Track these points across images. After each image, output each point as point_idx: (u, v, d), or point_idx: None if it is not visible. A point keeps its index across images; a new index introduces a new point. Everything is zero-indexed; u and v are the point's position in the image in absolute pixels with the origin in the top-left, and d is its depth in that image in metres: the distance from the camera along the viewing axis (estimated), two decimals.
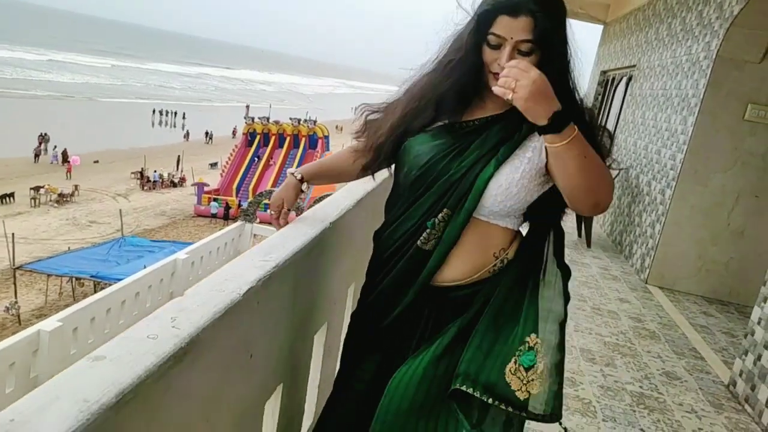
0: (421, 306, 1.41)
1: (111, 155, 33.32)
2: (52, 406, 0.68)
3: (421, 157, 1.37)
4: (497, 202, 1.33)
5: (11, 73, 56.75)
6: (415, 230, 1.37)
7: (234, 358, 1.12)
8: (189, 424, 0.97)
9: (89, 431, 0.67)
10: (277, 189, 1.56)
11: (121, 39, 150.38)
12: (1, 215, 21.24)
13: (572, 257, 5.86)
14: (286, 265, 1.31)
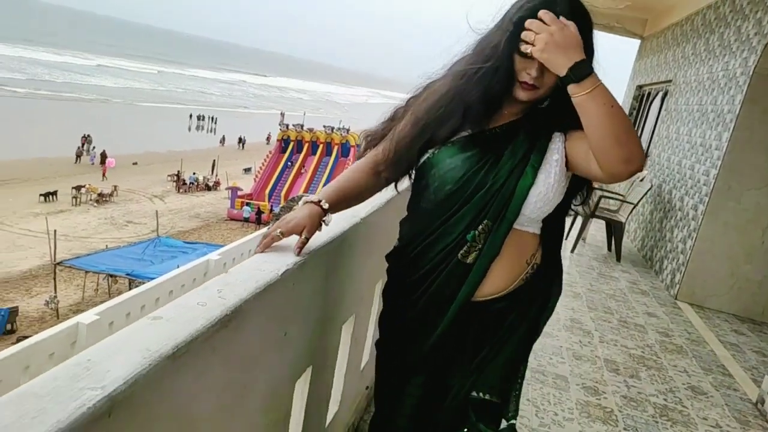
0: (464, 322, 1.42)
1: (149, 158, 34.22)
2: (120, 352, 0.79)
3: (456, 171, 1.35)
4: (536, 209, 1.35)
5: (58, 77, 58.87)
6: (456, 244, 1.35)
7: (271, 332, 1.22)
8: (230, 386, 1.07)
9: (149, 375, 0.78)
10: (292, 215, 1.36)
11: (163, 45, 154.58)
12: (45, 212, 22.05)
13: (601, 270, 5.84)
14: (319, 254, 1.41)
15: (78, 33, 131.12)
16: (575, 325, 4.15)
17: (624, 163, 1.22)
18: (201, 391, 0.95)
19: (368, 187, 1.51)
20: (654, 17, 9.80)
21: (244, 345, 1.09)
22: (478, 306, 1.41)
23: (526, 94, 1.32)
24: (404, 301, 1.46)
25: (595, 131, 1.21)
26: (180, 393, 0.88)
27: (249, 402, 1.18)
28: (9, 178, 25.78)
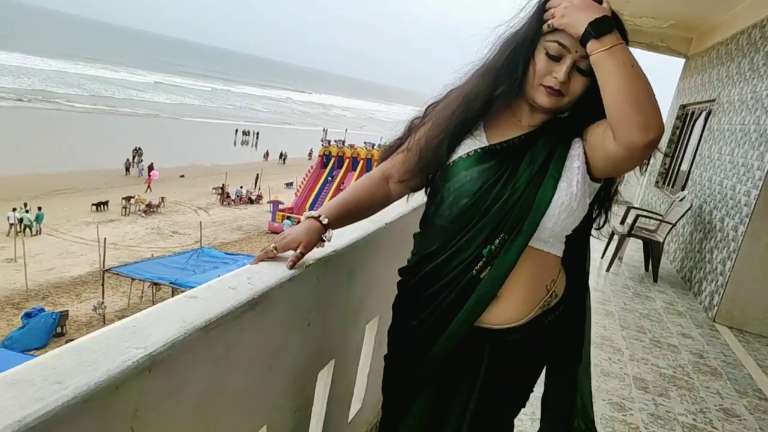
0: (477, 348, 1.35)
1: (196, 170, 35.27)
2: (161, 321, 0.93)
3: (472, 184, 1.29)
4: (560, 221, 1.27)
5: (117, 93, 61.53)
6: (472, 260, 1.29)
7: (295, 320, 1.34)
8: (256, 365, 1.19)
9: (185, 341, 0.91)
10: (290, 230, 1.35)
11: (217, 63, 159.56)
12: (96, 221, 22.98)
13: (636, 290, 5.76)
14: (344, 253, 1.53)
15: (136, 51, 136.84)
16: (605, 342, 4.14)
17: (641, 131, 1.13)
18: (229, 365, 1.08)
19: (376, 201, 1.47)
20: (699, 36, 9.67)
21: (269, 328, 1.21)
22: (492, 334, 1.33)
23: (550, 101, 1.27)
24: (416, 316, 1.39)
25: (613, 92, 1.15)
26: (211, 362, 1.01)
27: (273, 383, 1.30)
28: (65, 188, 27.02)
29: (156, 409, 0.87)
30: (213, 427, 1.06)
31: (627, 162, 1.23)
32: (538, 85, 1.27)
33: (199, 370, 0.98)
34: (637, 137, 1.14)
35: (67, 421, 0.70)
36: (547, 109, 1.30)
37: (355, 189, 1.47)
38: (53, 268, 19.09)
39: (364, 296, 1.83)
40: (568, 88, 1.25)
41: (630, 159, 1.21)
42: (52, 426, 0.67)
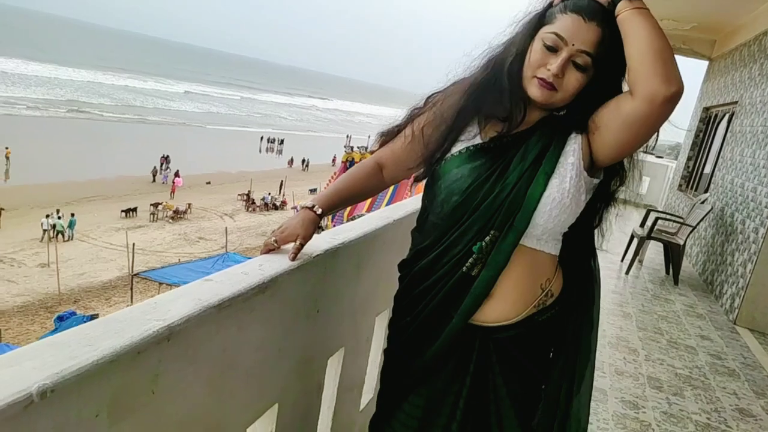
0: (467, 345, 1.35)
1: (222, 177, 35.82)
2: (179, 299, 1.04)
3: (462, 181, 1.29)
4: (553, 218, 1.26)
5: (147, 102, 62.93)
6: (462, 256, 1.29)
7: (304, 305, 1.44)
8: (267, 345, 1.30)
9: (200, 317, 1.02)
10: (288, 222, 1.41)
11: (245, 72, 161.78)
12: (125, 227, 23.53)
13: (656, 293, 5.75)
14: (351, 245, 1.63)
15: (164, 60, 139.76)
16: (621, 342, 4.16)
17: (664, 82, 1.13)
18: (241, 342, 1.18)
19: (368, 189, 1.51)
20: (722, 38, 9.57)
21: (278, 311, 1.31)
22: (482, 331, 1.33)
23: (542, 93, 1.24)
24: (410, 312, 1.40)
25: (639, 45, 1.15)
26: (224, 338, 1.11)
27: (284, 364, 1.40)
28: (95, 195, 27.72)
29: (174, 375, 0.98)
30: (227, 398, 1.17)
31: (647, 120, 1.18)
32: (531, 77, 1.25)
33: (213, 345, 1.08)
34: (659, 87, 1.13)
35: (96, 378, 0.81)
36: (540, 103, 1.27)
37: (348, 177, 1.51)
38: (84, 272, 19.60)
39: (372, 289, 1.93)
40: (561, 83, 1.23)
41: (650, 114, 1.16)
42: (84, 380, 0.78)
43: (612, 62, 1.23)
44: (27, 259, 20.22)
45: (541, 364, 1.41)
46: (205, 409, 1.10)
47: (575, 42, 1.20)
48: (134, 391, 0.90)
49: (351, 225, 1.74)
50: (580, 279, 1.43)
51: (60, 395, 0.75)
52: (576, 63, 1.21)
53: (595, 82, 1.25)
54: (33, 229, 21.93)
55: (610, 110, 1.24)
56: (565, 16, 1.21)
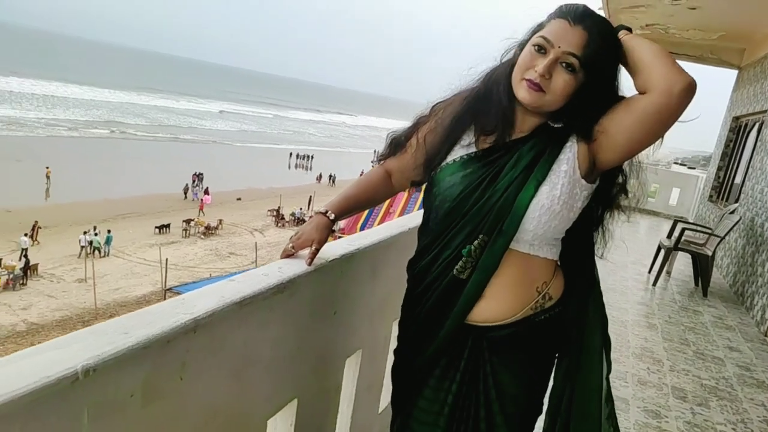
0: (459, 343, 1.38)
1: (252, 194, 36.45)
2: (205, 296, 1.15)
3: (455, 188, 1.33)
4: (542, 224, 1.28)
5: (176, 121, 64.61)
6: (452, 259, 1.33)
7: (321, 307, 1.54)
8: (286, 343, 1.40)
9: (223, 312, 1.12)
10: (303, 228, 1.50)
11: (276, 91, 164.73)
12: (159, 243, 24.11)
13: (684, 304, 5.68)
14: (366, 252, 1.73)
15: (197, 81, 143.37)
16: (645, 353, 4.14)
17: (679, 74, 1.19)
18: (262, 337, 1.29)
19: (378, 195, 1.60)
20: (752, 47, 9.46)
21: (297, 311, 1.41)
22: (476, 331, 1.36)
23: (530, 95, 1.26)
24: (411, 313, 1.46)
25: (646, 51, 1.24)
26: (246, 332, 1.22)
27: (302, 361, 1.50)
28: (130, 212, 28.50)
29: (200, 364, 1.09)
30: (248, 389, 1.27)
31: (664, 113, 1.21)
32: (520, 79, 1.28)
33: (236, 338, 1.19)
34: (676, 78, 1.19)
35: (131, 361, 0.92)
36: (531, 107, 1.29)
37: (359, 184, 1.60)
38: (119, 287, 20.14)
39: (388, 294, 2.01)
40: (549, 84, 1.25)
41: (668, 106, 1.20)
42: (120, 362, 0.89)
43: (603, 68, 1.27)
44: (66, 275, 20.89)
45: (540, 362, 1.43)
46: (228, 398, 1.20)
47: (561, 44, 1.23)
48: (164, 376, 1.00)
49: (366, 233, 1.84)
50: (581, 282, 1.45)
51: (100, 374, 0.86)
52: (563, 65, 1.24)
53: (587, 87, 1.27)
54: (71, 246, 22.67)
55: (619, 111, 1.27)
56: (553, 21, 1.27)
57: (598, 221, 1.46)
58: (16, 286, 19.50)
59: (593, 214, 1.43)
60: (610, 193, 1.43)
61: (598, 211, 1.45)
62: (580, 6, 1.27)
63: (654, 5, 8.09)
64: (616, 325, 4.64)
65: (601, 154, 1.31)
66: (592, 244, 1.48)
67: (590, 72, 1.25)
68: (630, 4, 8.34)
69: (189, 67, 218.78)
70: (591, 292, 1.47)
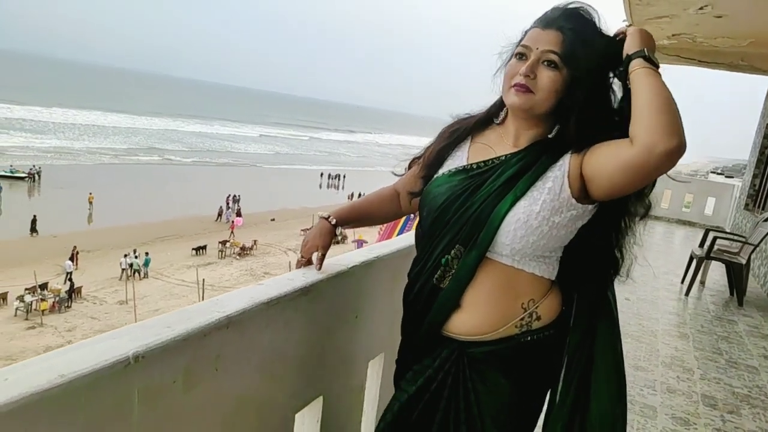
0: (431, 352, 1.40)
1: (285, 214, 37.02)
2: (236, 298, 1.29)
3: (439, 198, 1.37)
4: (518, 238, 1.27)
5: (214, 145, 66.42)
6: (433, 268, 1.36)
7: (343, 310, 1.67)
8: (312, 343, 1.53)
9: (253, 310, 1.26)
10: (308, 235, 1.57)
11: (307, 113, 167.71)
12: (196, 264, 24.68)
13: (718, 314, 5.60)
14: (385, 260, 1.85)
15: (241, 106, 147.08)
16: (675, 362, 4.12)
17: (665, 134, 1.12)
18: (288, 336, 1.42)
19: (384, 211, 1.67)
20: None
21: (320, 313, 1.55)
22: (457, 344, 1.37)
23: (519, 98, 1.29)
24: (405, 317, 1.50)
25: (645, 96, 1.18)
26: (273, 331, 1.35)
27: (327, 360, 1.62)
28: (168, 235, 29.28)
29: (233, 357, 1.22)
30: (277, 383, 1.40)
31: (642, 169, 1.17)
32: (509, 88, 1.32)
33: (264, 336, 1.33)
34: (660, 138, 1.12)
35: (173, 351, 1.06)
36: (521, 109, 1.31)
37: (367, 197, 1.69)
38: (159, 308, 20.65)
39: None
40: (535, 84, 1.28)
41: (647, 164, 1.14)
42: (164, 351, 1.03)
43: (586, 61, 1.27)
44: (108, 297, 21.55)
45: (527, 387, 1.38)
46: (258, 390, 1.34)
47: (539, 46, 1.29)
48: (202, 366, 1.14)
49: (387, 242, 1.96)
50: (584, 308, 1.40)
51: (148, 361, 1.00)
52: (545, 63, 1.28)
53: (575, 84, 1.28)
54: (113, 269, 23.41)
55: (606, 152, 1.24)
56: (529, 31, 1.33)
57: (610, 245, 1.40)
58: (62, 309, 20.22)
59: (599, 237, 1.38)
60: (618, 218, 1.38)
61: (611, 236, 1.39)
62: (551, 11, 1.32)
63: (679, 15, 8.07)
64: (646, 335, 4.62)
65: (590, 187, 1.28)
66: (601, 270, 1.43)
67: (574, 67, 1.27)
68: (654, 15, 8.32)
69: (229, 94, 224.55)
70: (598, 322, 1.40)
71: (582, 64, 1.27)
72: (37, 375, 0.85)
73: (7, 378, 0.83)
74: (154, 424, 1.04)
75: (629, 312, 5.17)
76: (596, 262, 1.42)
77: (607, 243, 1.40)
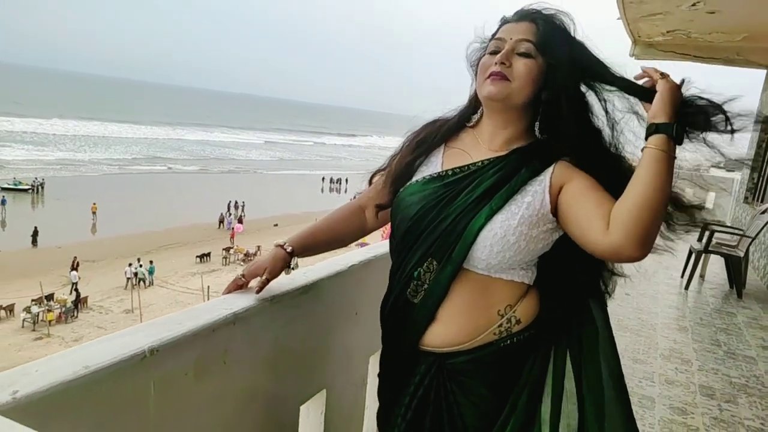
0: (410, 369, 1.36)
1: (288, 219, 37.07)
2: (242, 296, 1.38)
3: (412, 207, 1.30)
4: (494, 253, 1.23)
5: (211, 152, 66.67)
6: (406, 281, 1.31)
7: (344, 308, 1.76)
8: (313, 339, 1.61)
9: (257, 308, 1.35)
10: (259, 258, 1.49)
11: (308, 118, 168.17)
12: (200, 272, 24.80)
13: (717, 306, 5.67)
14: (383, 258, 1.92)
15: (245, 113, 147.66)
16: (674, 354, 4.19)
17: (636, 246, 1.11)
18: (291, 332, 1.50)
19: (350, 229, 1.53)
20: None
21: (321, 310, 1.63)
22: (434, 357, 1.32)
23: (495, 86, 1.25)
24: (383, 331, 1.47)
25: (641, 191, 1.12)
26: (276, 327, 1.44)
27: (329, 355, 1.71)
28: (172, 243, 29.42)
29: (239, 352, 1.31)
30: (282, 377, 1.49)
31: (601, 256, 1.22)
32: (484, 80, 1.28)
33: (268, 331, 1.41)
34: (631, 247, 1.12)
35: (185, 346, 1.15)
36: (497, 97, 1.26)
37: (327, 218, 1.54)
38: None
39: None
40: (511, 72, 1.25)
41: (606, 257, 1.21)
42: (176, 346, 1.12)
43: (560, 51, 1.25)
44: (113, 306, 21.67)
45: (507, 393, 1.32)
46: (264, 382, 1.42)
47: (512, 36, 1.26)
48: (211, 359, 1.23)
49: (384, 242, 2.04)
50: (563, 310, 1.35)
51: (162, 354, 1.09)
52: (519, 52, 1.25)
53: (552, 75, 1.25)
54: (118, 278, 23.54)
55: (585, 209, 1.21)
56: (501, 27, 1.32)
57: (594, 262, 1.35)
58: (69, 319, 20.35)
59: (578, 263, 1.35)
60: None
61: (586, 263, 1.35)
62: (523, 8, 1.31)
63: (672, 12, 8.15)
64: (645, 329, 4.69)
65: (558, 214, 1.27)
66: (590, 279, 1.40)
67: (549, 55, 1.25)
68: (648, 12, 8.40)
69: (232, 101, 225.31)
70: (582, 334, 1.34)
71: (557, 53, 1.25)
72: (63, 367, 0.94)
73: (38, 369, 0.92)
74: (169, 411, 1.13)
75: (629, 307, 5.24)
76: (574, 273, 1.37)
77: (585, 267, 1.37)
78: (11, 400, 0.84)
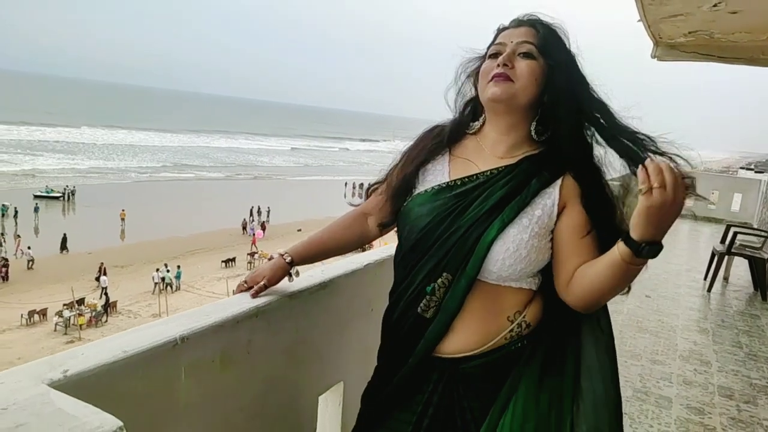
0: (422, 377, 1.33)
1: (311, 224, 37.36)
2: (264, 295, 1.48)
3: (422, 219, 1.29)
4: (506, 267, 1.23)
5: (236, 159, 67.71)
6: (416, 296, 1.29)
7: (359, 304, 1.86)
8: (331, 333, 1.72)
9: (279, 302, 1.45)
10: (261, 266, 1.50)
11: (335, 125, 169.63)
12: (226, 276, 25.17)
13: (740, 308, 5.63)
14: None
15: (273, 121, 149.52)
16: (693, 355, 4.20)
17: (585, 309, 1.27)
18: (310, 325, 1.61)
19: (352, 237, 1.53)
20: None
21: (338, 305, 1.73)
22: (445, 363, 1.31)
23: (499, 87, 1.26)
24: (383, 344, 1.46)
25: (603, 288, 1.20)
26: (296, 320, 1.54)
27: (346, 348, 1.81)
28: (199, 248, 29.94)
29: (262, 343, 1.42)
30: (301, 367, 1.59)
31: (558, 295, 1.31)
32: (486, 83, 1.29)
33: (288, 325, 1.52)
34: (580, 308, 1.27)
35: (212, 335, 1.26)
36: (501, 98, 1.27)
37: (329, 227, 1.55)
38: None
39: None
40: (514, 73, 1.26)
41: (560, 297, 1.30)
42: (204, 335, 1.23)
43: (561, 54, 1.28)
44: (142, 310, 22.14)
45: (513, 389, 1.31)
46: (285, 372, 1.53)
47: (513, 39, 1.28)
48: (235, 349, 1.34)
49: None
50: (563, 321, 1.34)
51: (192, 342, 1.20)
52: (521, 53, 1.27)
53: (554, 76, 1.27)
54: (146, 283, 24.03)
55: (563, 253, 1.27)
56: (501, 33, 1.34)
57: None
58: (99, 323, 20.85)
59: None
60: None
61: None
62: (521, 15, 1.34)
63: (693, 13, 8.07)
64: (665, 330, 4.70)
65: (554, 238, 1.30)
66: None
67: (550, 57, 1.27)
68: (668, 14, 8.34)
69: (257, 108, 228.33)
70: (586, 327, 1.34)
71: (557, 56, 1.27)
72: (105, 352, 1.05)
73: (83, 353, 1.04)
74: (197, 395, 1.24)
75: (648, 308, 5.25)
76: None
77: None
78: (62, 377, 0.95)
